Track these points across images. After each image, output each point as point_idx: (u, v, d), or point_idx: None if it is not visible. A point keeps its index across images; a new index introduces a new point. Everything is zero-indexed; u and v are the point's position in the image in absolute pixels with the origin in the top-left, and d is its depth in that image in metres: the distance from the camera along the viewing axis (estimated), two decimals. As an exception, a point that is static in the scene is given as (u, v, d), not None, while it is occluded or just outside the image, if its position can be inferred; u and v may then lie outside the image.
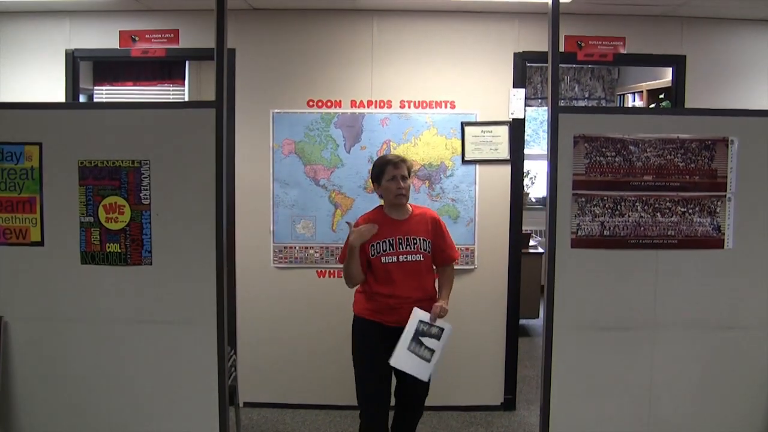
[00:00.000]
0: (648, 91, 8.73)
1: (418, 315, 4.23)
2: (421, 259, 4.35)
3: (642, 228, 3.69)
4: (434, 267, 4.50)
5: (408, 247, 4.33)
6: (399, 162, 4.35)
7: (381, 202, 4.48)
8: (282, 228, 5.64)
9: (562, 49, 3.67)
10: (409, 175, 4.41)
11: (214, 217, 3.54)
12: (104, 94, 8.22)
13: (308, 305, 5.69)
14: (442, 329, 4.27)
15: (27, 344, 3.72)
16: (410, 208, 4.46)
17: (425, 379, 4.26)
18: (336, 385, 5.62)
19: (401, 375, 4.41)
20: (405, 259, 4.31)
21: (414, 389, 4.45)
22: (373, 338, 4.32)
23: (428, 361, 4.23)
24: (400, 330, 4.26)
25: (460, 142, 5.55)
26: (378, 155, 5.47)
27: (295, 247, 5.66)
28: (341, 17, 5.56)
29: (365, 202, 5.46)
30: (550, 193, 3.63)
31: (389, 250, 4.31)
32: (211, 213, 3.55)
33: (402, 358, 4.22)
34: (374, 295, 4.35)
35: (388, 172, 4.34)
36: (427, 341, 4.24)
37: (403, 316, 4.26)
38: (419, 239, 4.35)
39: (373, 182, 4.47)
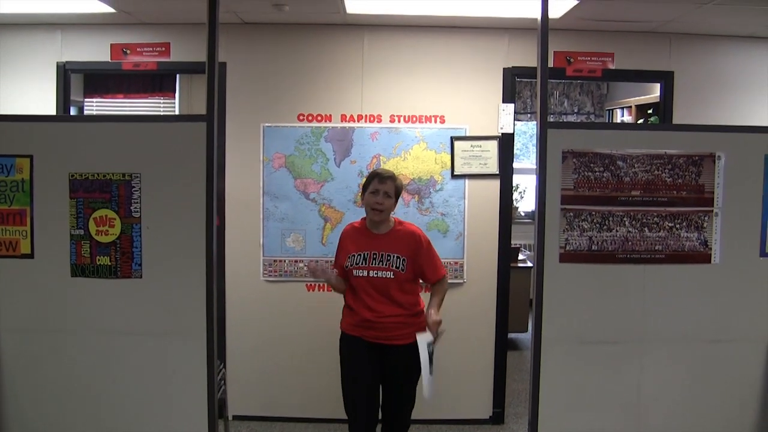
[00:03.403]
0: (636, 106, 8.77)
1: (424, 339, 4.26)
2: (391, 276, 4.31)
3: (630, 243, 3.71)
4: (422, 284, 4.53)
5: (380, 263, 4.31)
6: (386, 178, 4.35)
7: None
8: (272, 241, 5.65)
9: (551, 64, 3.69)
10: (397, 196, 4.41)
11: (204, 230, 3.55)
12: (95, 106, 8.23)
13: (298, 318, 5.69)
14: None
15: (17, 356, 3.71)
16: (392, 224, 4.44)
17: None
18: (325, 399, 5.61)
19: (387, 390, 4.42)
20: (374, 275, 4.30)
21: (400, 405, 4.46)
22: (357, 353, 4.33)
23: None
24: (380, 345, 4.31)
25: (449, 156, 5.57)
26: (368, 169, 5.50)
27: (284, 261, 5.66)
28: (332, 32, 5.58)
29: (355, 216, 5.45)
30: (538, 208, 3.65)
31: (362, 264, 4.32)
32: (201, 226, 3.55)
33: (433, 387, 4.28)
34: (352, 310, 4.38)
35: (372, 184, 4.35)
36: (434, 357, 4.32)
37: (380, 332, 4.29)
38: (393, 256, 4.33)
39: (362, 192, 4.48)
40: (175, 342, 3.64)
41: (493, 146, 5.58)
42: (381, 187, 4.32)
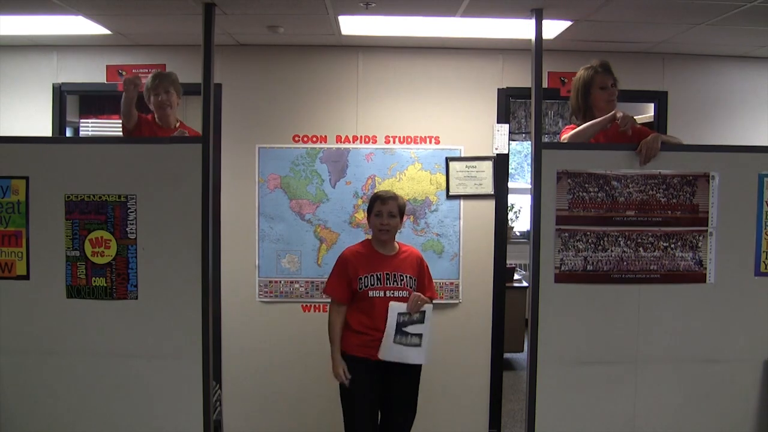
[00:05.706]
0: (630, 126, 8.77)
1: (395, 308, 4.28)
2: (407, 295, 4.34)
3: (625, 263, 3.72)
4: None
5: (395, 282, 4.35)
6: (388, 199, 4.41)
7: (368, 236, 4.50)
8: (267, 262, 5.64)
9: (545, 84, 3.72)
10: (401, 214, 4.45)
11: (199, 251, 3.55)
12: (90, 126, 8.23)
13: (293, 339, 5.67)
14: (423, 312, 4.33)
15: (12, 377, 3.70)
16: (397, 246, 4.51)
17: (423, 362, 4.37)
18: (321, 419, 5.60)
19: (387, 410, 4.40)
20: (392, 295, 4.33)
21: (404, 418, 4.45)
22: (360, 374, 4.33)
23: (419, 345, 4.29)
24: (385, 363, 4.30)
25: (444, 177, 5.58)
26: (363, 190, 5.51)
27: (280, 282, 5.66)
28: (327, 53, 5.60)
29: (350, 236, 5.47)
30: (533, 229, 3.66)
31: (377, 284, 4.34)
32: (196, 247, 3.55)
33: (390, 351, 4.28)
34: (361, 330, 4.35)
35: (375, 207, 4.42)
36: (411, 329, 4.29)
37: None
38: (406, 276, 4.39)
39: (367, 217, 4.55)
40: (170, 363, 3.63)
41: (488, 166, 5.59)
42: (383, 208, 4.39)
